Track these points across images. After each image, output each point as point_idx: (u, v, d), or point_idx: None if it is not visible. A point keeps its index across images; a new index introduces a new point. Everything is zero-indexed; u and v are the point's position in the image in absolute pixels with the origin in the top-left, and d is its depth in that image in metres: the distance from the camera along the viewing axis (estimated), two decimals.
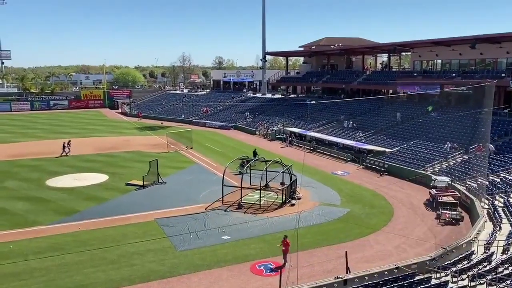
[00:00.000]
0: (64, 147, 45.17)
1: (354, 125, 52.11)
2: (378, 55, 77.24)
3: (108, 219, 26.07)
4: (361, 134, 48.10)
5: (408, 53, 67.03)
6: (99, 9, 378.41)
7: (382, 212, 27.87)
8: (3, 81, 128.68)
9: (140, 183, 32.99)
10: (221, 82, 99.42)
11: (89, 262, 20.30)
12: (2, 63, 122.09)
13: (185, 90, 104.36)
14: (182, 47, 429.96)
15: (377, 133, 47.78)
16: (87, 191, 32.02)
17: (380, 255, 21.18)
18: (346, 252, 18.64)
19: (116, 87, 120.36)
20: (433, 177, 32.33)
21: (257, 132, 60.85)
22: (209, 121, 71.24)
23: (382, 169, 37.79)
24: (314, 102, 59.42)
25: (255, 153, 41.53)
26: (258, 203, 28.52)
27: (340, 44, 73.09)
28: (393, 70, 67.95)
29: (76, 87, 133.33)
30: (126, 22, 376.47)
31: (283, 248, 19.97)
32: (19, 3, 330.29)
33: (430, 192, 30.09)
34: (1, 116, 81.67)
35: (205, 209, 27.79)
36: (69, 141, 46.68)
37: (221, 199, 29.18)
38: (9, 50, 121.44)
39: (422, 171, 34.92)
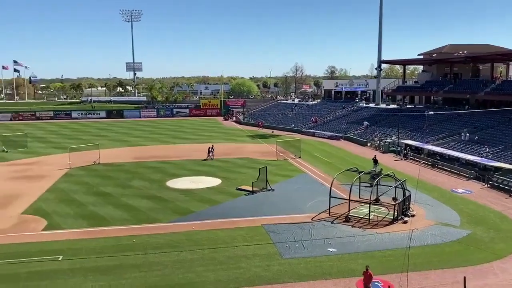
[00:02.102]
0: (209, 151, 48.56)
1: (476, 137, 47.45)
2: (510, 62, 69.50)
3: (219, 221, 27.29)
4: (487, 150, 43.53)
5: None
6: (219, 25, 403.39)
7: (510, 237, 24.77)
8: (135, 90, 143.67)
9: (250, 188, 33.99)
10: (333, 92, 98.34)
11: (200, 261, 21.43)
12: (135, 74, 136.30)
13: (296, 100, 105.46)
14: (296, 58, 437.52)
15: (507, 149, 42.78)
16: (201, 193, 33.96)
17: (506, 285, 18.81)
18: (464, 277, 16.95)
19: (232, 97, 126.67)
20: None
21: (368, 144, 58.79)
22: (318, 131, 70.81)
23: None
24: (432, 113, 55.59)
25: (375, 161, 40.51)
26: (367, 217, 27.39)
27: (465, 52, 67.42)
28: None
29: (196, 97, 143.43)
30: (244, 36, 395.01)
31: (364, 279, 18.02)
32: (150, 21, 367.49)
33: None
34: (132, 121, 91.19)
35: (311, 219, 27.56)
36: (212, 145, 49.95)
37: (328, 210, 28.67)
38: (141, 62, 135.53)
39: None
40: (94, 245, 23.34)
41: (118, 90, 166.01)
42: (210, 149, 48.79)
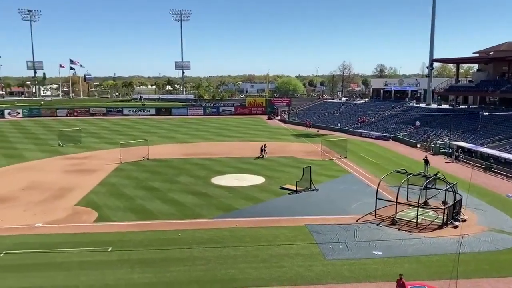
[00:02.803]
0: (261, 150, 48.97)
1: None
2: None
3: (262, 219, 27.42)
4: None
5: None
6: (266, 24, 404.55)
7: None
8: (183, 89, 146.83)
9: (294, 188, 33.85)
10: (381, 91, 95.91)
11: (243, 257, 21.62)
12: (183, 72, 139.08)
13: (343, 99, 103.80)
14: (343, 56, 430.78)
15: None
16: (245, 191, 34.22)
17: None
18: None
19: (277, 95, 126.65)
20: None
21: (418, 145, 56.89)
22: (365, 131, 69.31)
23: None
24: (487, 113, 52.97)
25: (426, 161, 39.49)
26: (415, 221, 26.52)
27: None
28: None
29: (242, 95, 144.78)
30: (291, 34, 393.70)
31: None
32: (198, 21, 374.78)
33: None
34: (179, 119, 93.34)
35: (356, 221, 27.05)
36: (265, 144, 50.25)
37: (374, 212, 28.03)
38: (189, 61, 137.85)
39: None
40: (141, 238, 24.14)
41: (167, 88, 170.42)
42: (263, 148, 48.97)
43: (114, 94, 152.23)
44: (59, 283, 18.66)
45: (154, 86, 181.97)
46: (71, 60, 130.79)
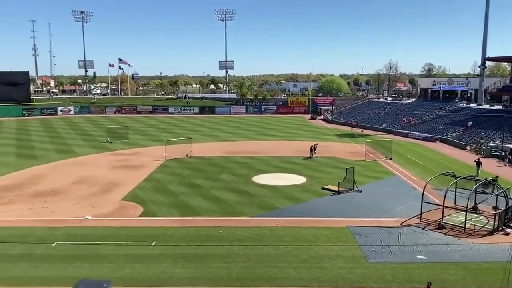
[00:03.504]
0: (311, 150, 48.42)
1: None
2: None
3: (303, 219, 27.22)
4: None
5: None
6: (309, 23, 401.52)
7: None
8: (226, 88, 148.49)
9: (336, 188, 33.38)
10: (429, 91, 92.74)
11: (283, 257, 21.56)
12: (226, 72, 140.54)
13: (389, 99, 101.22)
14: (390, 55, 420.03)
15: None
16: (286, 190, 34.11)
17: None
18: None
19: (320, 94, 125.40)
20: None
21: (468, 147, 54.54)
22: (412, 132, 67.26)
23: None
24: None
25: (478, 163, 38.52)
26: (463, 226, 25.44)
27: None
28: None
29: (284, 94, 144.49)
30: (335, 32, 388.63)
31: None
32: (241, 21, 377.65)
33: None
34: (222, 117, 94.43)
35: (401, 224, 26.30)
36: (316, 144, 49.65)
37: (419, 215, 27.15)
38: (233, 61, 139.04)
39: None
40: (184, 233, 24.61)
41: (210, 87, 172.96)
42: (313, 148, 48.32)
43: (160, 93, 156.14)
44: (104, 275, 19.35)
45: (198, 85, 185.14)
46: (120, 60, 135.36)
